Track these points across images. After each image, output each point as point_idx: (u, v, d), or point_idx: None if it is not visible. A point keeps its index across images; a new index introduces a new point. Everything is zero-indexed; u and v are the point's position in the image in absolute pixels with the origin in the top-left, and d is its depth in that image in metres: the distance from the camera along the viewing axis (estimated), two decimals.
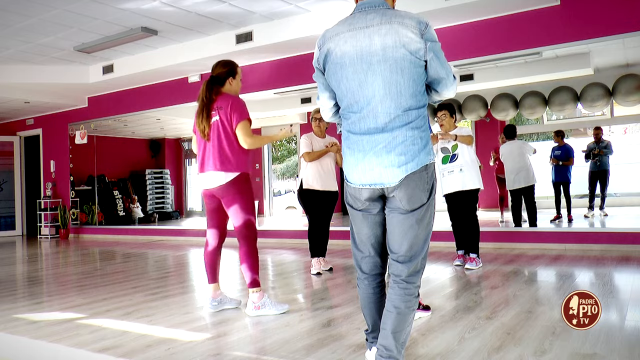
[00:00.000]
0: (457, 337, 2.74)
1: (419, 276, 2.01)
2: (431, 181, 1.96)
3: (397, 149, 1.89)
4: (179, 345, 2.81)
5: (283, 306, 3.48)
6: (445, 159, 5.00)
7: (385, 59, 1.87)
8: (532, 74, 7.51)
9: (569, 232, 6.11)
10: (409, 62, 1.88)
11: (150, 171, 13.28)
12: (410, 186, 1.90)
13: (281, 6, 6.15)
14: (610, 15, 5.42)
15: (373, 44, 1.88)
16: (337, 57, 1.95)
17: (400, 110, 1.89)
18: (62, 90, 9.32)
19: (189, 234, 9.26)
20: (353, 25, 1.94)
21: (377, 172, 1.92)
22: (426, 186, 1.93)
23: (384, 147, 1.89)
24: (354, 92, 1.94)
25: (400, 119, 1.89)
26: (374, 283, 2.12)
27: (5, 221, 11.45)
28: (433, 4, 5.69)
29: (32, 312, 3.75)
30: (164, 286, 4.68)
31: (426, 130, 1.96)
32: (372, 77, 1.90)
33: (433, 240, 7.10)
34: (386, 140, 1.90)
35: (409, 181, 1.90)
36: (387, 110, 1.90)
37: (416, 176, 1.90)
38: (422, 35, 1.89)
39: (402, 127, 1.89)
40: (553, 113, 9.70)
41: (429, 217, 1.98)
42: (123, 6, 5.97)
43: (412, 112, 1.91)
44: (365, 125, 1.93)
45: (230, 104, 3.38)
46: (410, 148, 1.89)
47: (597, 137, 8.41)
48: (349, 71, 1.93)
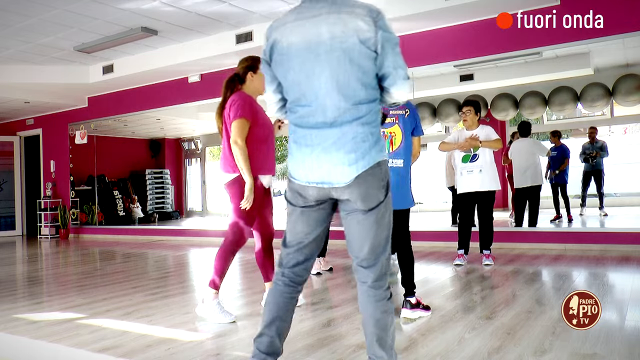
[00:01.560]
0: (457, 337, 2.74)
1: (386, 278, 1.93)
2: (386, 178, 1.87)
3: (346, 146, 1.79)
4: (179, 345, 2.81)
5: (229, 316, 3.28)
6: (465, 157, 4.99)
7: (333, 49, 1.78)
8: (532, 74, 7.51)
9: (569, 232, 6.11)
10: (358, 53, 1.77)
11: (150, 171, 13.28)
12: (364, 185, 1.81)
13: (281, 6, 6.15)
14: (610, 15, 5.41)
15: (321, 34, 1.79)
16: (283, 48, 1.85)
17: (350, 103, 1.79)
18: (62, 90, 9.32)
19: (189, 234, 9.26)
20: (301, 14, 1.85)
21: (326, 170, 1.82)
22: (381, 183, 1.84)
23: (333, 143, 1.80)
24: (301, 85, 1.84)
25: (350, 114, 1.80)
26: (289, 280, 1.99)
27: (5, 221, 11.45)
28: (433, 4, 5.69)
29: (32, 312, 3.75)
30: (164, 286, 4.68)
31: (377, 126, 1.86)
32: (319, 69, 1.80)
33: (433, 240, 7.12)
34: (335, 136, 1.80)
35: (361, 180, 1.80)
36: (336, 104, 1.80)
37: (369, 174, 1.81)
38: (375, 23, 1.77)
39: (352, 123, 1.80)
40: (553, 113, 9.70)
41: (388, 216, 1.90)
42: (123, 6, 5.97)
43: (362, 106, 1.81)
44: (314, 119, 1.83)
45: (230, 103, 3.26)
46: (360, 145, 1.80)
47: (591, 137, 8.45)
48: (296, 62, 1.83)
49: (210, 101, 8.42)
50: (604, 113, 9.71)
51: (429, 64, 6.58)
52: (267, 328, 1.98)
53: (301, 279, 2.02)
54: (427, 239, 6.53)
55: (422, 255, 5.79)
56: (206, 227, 9.32)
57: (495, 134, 4.95)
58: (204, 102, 8.50)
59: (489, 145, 4.88)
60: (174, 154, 14.14)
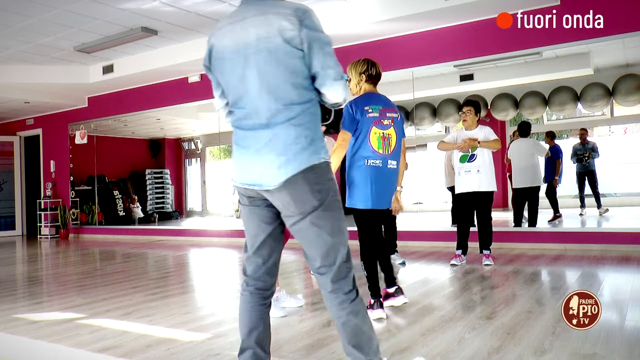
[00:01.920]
0: (457, 337, 2.74)
1: (348, 281, 1.86)
2: (324, 182, 1.80)
3: (277, 148, 1.76)
4: (179, 345, 2.81)
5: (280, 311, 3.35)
6: (463, 157, 4.99)
7: (259, 50, 1.77)
8: (532, 74, 7.51)
9: (569, 232, 6.11)
10: (284, 53, 1.75)
11: (150, 171, 13.28)
12: (295, 189, 1.76)
13: None
14: (610, 15, 5.41)
15: (248, 36, 1.79)
16: (218, 52, 1.87)
17: (281, 104, 1.77)
18: (62, 90, 9.32)
19: (189, 234, 9.26)
20: (233, 17, 1.87)
21: (257, 172, 1.80)
22: (315, 187, 1.77)
23: (265, 144, 1.78)
24: (236, 88, 1.84)
25: (282, 115, 1.77)
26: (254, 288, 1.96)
27: (5, 221, 11.46)
28: (433, 4, 5.69)
29: (32, 312, 3.75)
30: (164, 286, 4.68)
31: (313, 128, 1.81)
32: (249, 71, 1.80)
33: (433, 240, 7.11)
34: (267, 138, 1.78)
35: (291, 184, 1.75)
36: (267, 105, 1.78)
37: (299, 178, 1.75)
38: (300, 22, 1.76)
39: (284, 124, 1.77)
40: (553, 113, 9.70)
41: (334, 220, 1.82)
42: (123, 6, 5.97)
43: (294, 107, 1.78)
44: (251, 121, 1.82)
45: None
46: (291, 147, 1.76)
47: (582, 138, 8.57)
48: (229, 66, 1.84)
49: (210, 101, 8.43)
50: (604, 113, 9.71)
51: (429, 64, 6.59)
52: (246, 341, 1.96)
53: (265, 284, 1.97)
54: (427, 239, 6.53)
55: (422, 255, 5.79)
56: (206, 227, 9.32)
57: (493, 135, 4.95)
58: (204, 102, 8.50)
59: (488, 146, 4.88)
60: (174, 154, 14.14)
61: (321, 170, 1.80)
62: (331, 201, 1.82)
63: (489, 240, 4.99)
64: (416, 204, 8.21)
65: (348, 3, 6.09)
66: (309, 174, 1.77)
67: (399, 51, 6.71)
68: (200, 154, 14.06)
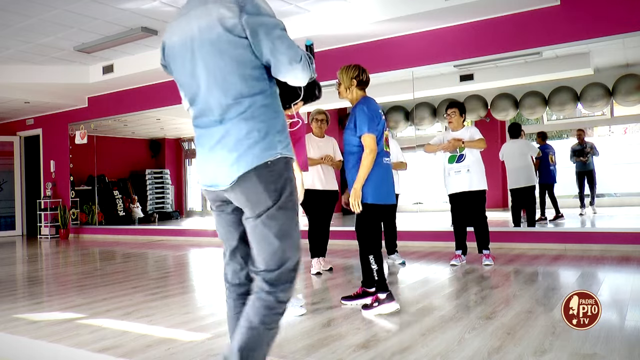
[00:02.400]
0: (457, 337, 2.74)
1: (287, 289, 1.70)
2: (281, 180, 1.68)
3: (228, 144, 1.65)
4: (179, 345, 2.81)
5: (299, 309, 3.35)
6: (451, 158, 5.02)
7: (202, 43, 1.68)
8: (532, 74, 7.51)
9: (569, 232, 6.11)
10: (227, 43, 1.65)
11: (150, 171, 13.28)
12: (248, 187, 1.65)
13: (281, 6, 6.15)
14: (610, 15, 5.42)
15: (192, 29, 1.71)
16: (169, 50, 1.81)
17: (231, 99, 1.66)
18: (62, 90, 9.32)
19: (189, 234, 9.26)
20: (180, 12, 1.80)
21: (212, 172, 1.71)
22: (271, 186, 1.65)
23: (217, 141, 1.68)
24: (190, 85, 1.76)
25: (233, 110, 1.66)
26: (236, 294, 1.88)
27: (5, 221, 11.46)
28: (433, 4, 5.70)
29: (32, 312, 3.75)
30: (164, 286, 4.68)
31: (267, 121, 1.68)
32: (197, 66, 1.71)
33: (433, 240, 7.12)
34: (219, 134, 1.68)
35: (244, 182, 1.64)
36: (217, 101, 1.68)
37: (253, 175, 1.63)
38: (241, 8, 1.64)
39: (235, 119, 1.66)
40: (553, 113, 9.70)
41: (285, 222, 1.68)
42: (123, 6, 5.97)
43: (245, 100, 1.66)
44: (207, 118, 1.73)
45: None
46: (243, 143, 1.64)
47: (580, 139, 8.69)
48: (179, 62, 1.77)
49: None
50: (604, 113, 9.72)
51: (429, 64, 6.59)
52: None
53: (247, 288, 1.87)
54: (427, 239, 6.53)
55: (422, 255, 5.79)
56: (206, 227, 9.32)
57: (479, 134, 4.99)
58: None
59: (472, 145, 4.92)
60: (174, 154, 14.14)
61: (278, 167, 1.67)
62: (285, 201, 1.69)
63: (487, 240, 5.00)
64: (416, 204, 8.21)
65: (348, 3, 6.09)
66: (263, 172, 1.64)
67: (399, 51, 6.71)
68: None
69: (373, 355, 2.49)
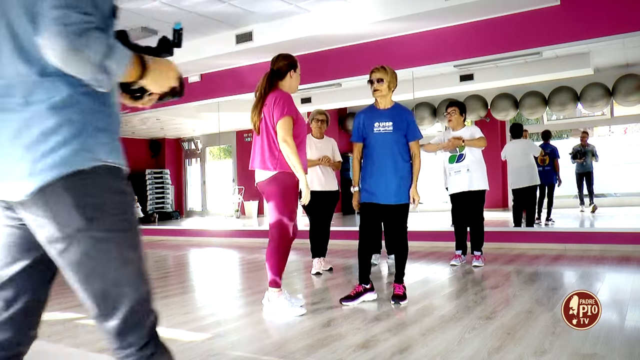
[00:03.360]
0: (457, 337, 2.74)
1: (141, 330, 1.34)
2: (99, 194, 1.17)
3: (25, 141, 1.13)
4: (179, 345, 2.80)
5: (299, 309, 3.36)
6: (452, 158, 5.01)
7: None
8: (532, 74, 7.52)
9: (569, 232, 6.11)
10: None
11: (150, 171, 13.29)
12: (51, 204, 1.14)
13: (281, 6, 6.15)
14: (610, 15, 5.41)
15: None
16: None
17: (36, 72, 1.14)
18: None
19: (189, 234, 9.27)
20: None
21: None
22: (82, 201, 1.14)
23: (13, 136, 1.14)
24: None
25: (40, 91, 1.14)
26: None
27: None
28: (433, 4, 5.70)
29: None
30: (164, 286, 4.68)
31: (82, 113, 1.16)
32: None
33: (433, 240, 7.11)
34: (15, 125, 1.14)
35: (45, 196, 1.13)
36: (16, 71, 1.16)
37: (58, 187, 1.13)
38: None
39: (41, 105, 1.13)
40: (553, 113, 9.70)
41: (116, 249, 1.21)
42: (123, 6, 5.97)
43: (57, 79, 1.14)
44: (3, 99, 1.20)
45: (274, 100, 3.30)
46: (48, 141, 1.12)
47: (583, 140, 8.81)
48: None
49: (210, 101, 8.43)
50: (604, 113, 9.73)
51: (429, 64, 6.58)
52: None
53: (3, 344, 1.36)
54: (427, 239, 6.53)
55: (422, 255, 5.79)
56: (206, 227, 9.33)
57: (479, 133, 4.97)
58: (204, 102, 8.50)
59: (473, 144, 4.90)
60: (174, 154, 14.15)
61: (98, 178, 1.17)
62: (110, 223, 1.19)
63: (480, 241, 4.98)
64: None
65: (348, 3, 6.09)
66: (76, 182, 1.14)
67: (399, 51, 6.71)
68: (200, 154, 14.07)
69: (373, 355, 2.49)
